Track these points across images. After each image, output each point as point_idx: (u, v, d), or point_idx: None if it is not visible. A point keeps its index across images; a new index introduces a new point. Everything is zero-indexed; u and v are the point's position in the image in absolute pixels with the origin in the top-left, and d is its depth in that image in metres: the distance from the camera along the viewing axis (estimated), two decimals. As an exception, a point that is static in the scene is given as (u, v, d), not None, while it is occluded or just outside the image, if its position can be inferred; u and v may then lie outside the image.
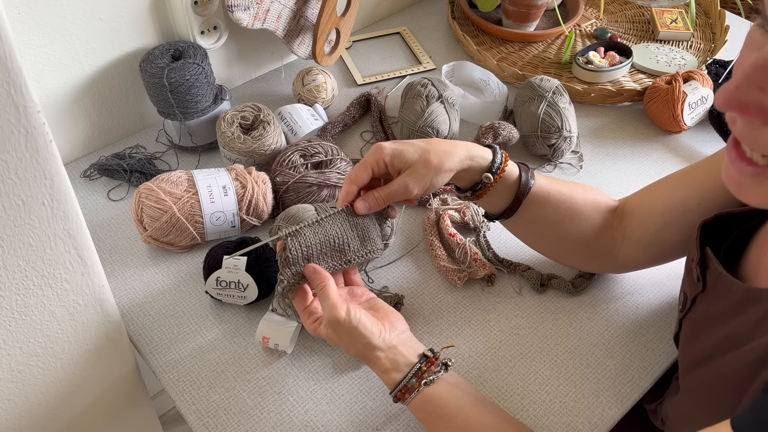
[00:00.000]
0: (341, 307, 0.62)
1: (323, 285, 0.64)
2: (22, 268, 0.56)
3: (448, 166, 0.67)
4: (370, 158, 0.67)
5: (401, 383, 0.63)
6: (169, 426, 1.24)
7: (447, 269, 0.82)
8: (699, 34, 1.22)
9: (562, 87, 0.98)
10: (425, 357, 0.64)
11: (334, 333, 0.63)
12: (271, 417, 0.70)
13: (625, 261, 0.75)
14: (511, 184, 0.71)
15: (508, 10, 1.17)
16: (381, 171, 0.68)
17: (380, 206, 0.69)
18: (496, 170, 0.69)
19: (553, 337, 0.78)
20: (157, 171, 0.95)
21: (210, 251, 0.79)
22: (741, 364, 0.50)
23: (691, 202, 0.68)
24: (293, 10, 0.98)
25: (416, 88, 0.98)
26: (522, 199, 0.71)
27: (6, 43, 0.44)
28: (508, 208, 0.72)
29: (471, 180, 0.70)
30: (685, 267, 0.65)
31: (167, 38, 0.96)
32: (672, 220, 0.70)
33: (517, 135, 0.95)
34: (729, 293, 0.55)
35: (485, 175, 0.69)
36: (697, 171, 0.70)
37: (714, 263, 0.57)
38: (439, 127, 0.94)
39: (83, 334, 0.67)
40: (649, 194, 0.74)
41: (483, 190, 0.70)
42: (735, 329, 0.53)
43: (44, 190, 0.53)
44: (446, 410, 0.62)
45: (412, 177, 0.66)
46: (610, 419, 0.71)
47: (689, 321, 0.63)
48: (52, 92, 0.89)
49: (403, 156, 0.66)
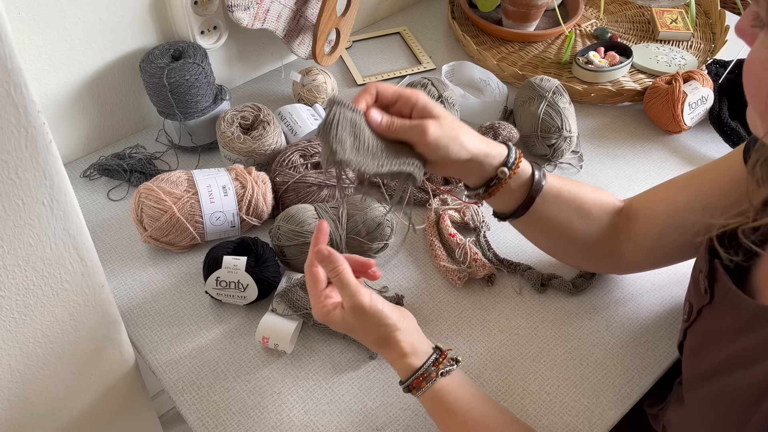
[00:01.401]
0: (364, 293, 0.62)
1: (340, 270, 0.62)
2: (22, 268, 0.56)
3: (469, 144, 0.65)
4: (404, 89, 0.66)
5: (420, 369, 0.63)
6: (169, 426, 1.24)
7: (447, 269, 0.82)
8: (699, 34, 1.22)
9: (562, 87, 0.98)
10: (439, 349, 0.65)
11: (357, 319, 0.62)
12: (271, 417, 0.70)
13: (629, 263, 0.75)
14: (524, 181, 0.70)
15: (508, 10, 1.17)
16: (404, 108, 0.65)
17: (390, 131, 0.64)
18: (512, 165, 0.68)
19: (553, 338, 0.78)
20: (157, 171, 0.95)
21: (210, 251, 0.79)
22: (751, 383, 0.49)
23: (695, 207, 0.67)
24: (293, 10, 0.98)
25: (416, 88, 0.97)
26: (535, 197, 0.70)
27: (6, 43, 0.44)
28: (520, 206, 0.71)
29: (483, 176, 0.69)
30: (692, 277, 0.64)
31: (167, 38, 0.96)
32: (675, 224, 0.69)
33: (517, 135, 0.95)
34: (739, 309, 0.54)
35: (501, 170, 0.68)
36: (702, 176, 0.70)
37: (723, 277, 0.56)
38: None
39: (83, 334, 0.67)
40: (653, 197, 0.74)
41: (497, 185, 0.69)
42: (746, 347, 0.52)
43: (44, 190, 0.53)
44: (460, 404, 0.62)
45: (435, 124, 0.64)
46: (609, 419, 0.71)
47: (694, 332, 0.62)
48: (52, 92, 0.89)
49: (434, 107, 0.65)
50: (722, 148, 1.01)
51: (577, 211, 0.72)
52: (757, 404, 0.48)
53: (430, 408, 0.64)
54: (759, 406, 0.47)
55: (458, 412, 0.62)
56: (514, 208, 0.72)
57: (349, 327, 0.64)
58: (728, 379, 0.53)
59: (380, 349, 0.65)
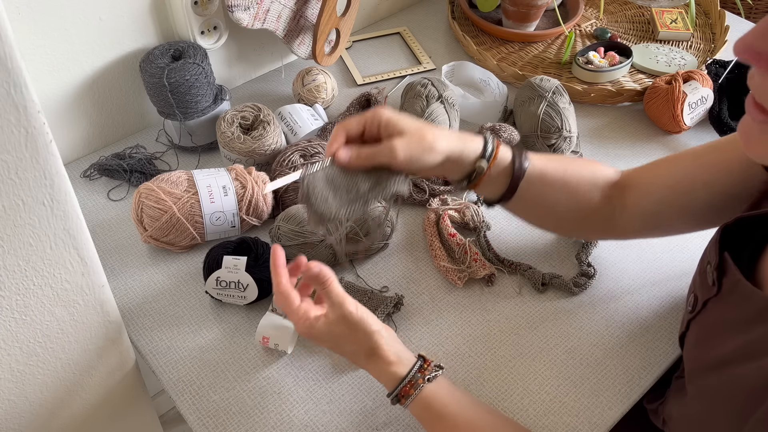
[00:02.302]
0: (350, 302, 0.63)
1: (329, 283, 0.63)
2: (22, 268, 0.56)
3: (440, 148, 0.66)
4: (366, 114, 0.66)
5: (407, 377, 0.63)
6: (169, 426, 1.24)
7: (447, 269, 0.82)
8: (699, 34, 1.22)
9: (562, 87, 0.98)
10: (422, 357, 0.65)
11: (344, 327, 0.63)
12: (271, 417, 0.70)
13: (624, 230, 0.76)
14: (505, 168, 0.70)
15: (508, 10, 1.17)
16: (373, 131, 0.67)
17: (361, 162, 0.65)
18: (489, 157, 0.69)
19: (553, 337, 0.78)
20: (157, 171, 0.95)
21: (210, 251, 0.79)
22: (759, 375, 0.49)
23: (698, 185, 0.68)
24: (293, 10, 0.98)
25: (416, 88, 0.98)
26: (518, 182, 0.71)
27: (6, 43, 0.44)
28: (505, 192, 0.72)
29: (463, 170, 0.69)
30: (698, 268, 0.64)
31: (167, 38, 0.96)
32: (675, 199, 0.70)
33: (517, 137, 0.95)
34: (748, 301, 0.54)
35: (478, 164, 0.68)
36: (708, 155, 0.70)
37: (733, 270, 0.56)
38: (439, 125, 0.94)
39: (83, 334, 0.67)
40: (654, 171, 0.74)
41: (479, 178, 0.69)
42: (756, 339, 0.52)
43: (44, 190, 0.53)
44: (450, 408, 0.62)
45: (402, 142, 0.64)
46: (610, 419, 0.71)
47: (699, 324, 0.62)
48: (52, 92, 0.89)
49: (397, 122, 0.65)
50: (722, 148, 1.01)
51: (563, 189, 0.73)
52: (763, 397, 0.48)
53: (421, 417, 0.64)
54: (765, 399, 0.48)
55: (449, 416, 0.62)
56: (500, 195, 0.72)
57: (334, 337, 0.64)
58: (737, 370, 0.53)
59: (366, 361, 0.65)
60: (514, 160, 0.70)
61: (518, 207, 0.75)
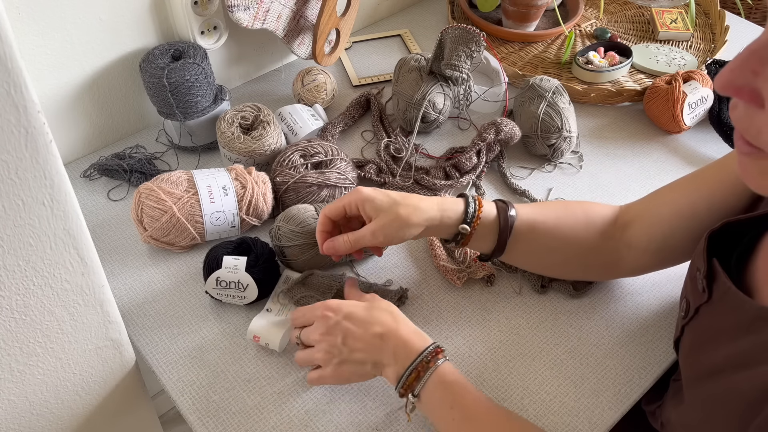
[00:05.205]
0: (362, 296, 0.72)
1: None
2: (22, 268, 0.56)
3: (416, 221, 0.69)
4: (346, 198, 0.71)
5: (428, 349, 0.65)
6: (169, 426, 1.24)
7: (447, 269, 0.82)
8: (699, 34, 1.22)
9: (562, 87, 0.98)
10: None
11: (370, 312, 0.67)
12: (271, 417, 0.70)
13: (633, 268, 0.75)
14: (491, 225, 0.72)
15: (508, 10, 1.17)
16: (354, 212, 0.71)
17: (347, 249, 0.71)
18: (471, 219, 0.70)
19: (553, 337, 0.78)
20: (157, 171, 0.95)
21: (210, 251, 0.79)
22: (754, 385, 0.49)
23: (700, 207, 0.68)
24: (293, 10, 0.98)
25: (410, 63, 1.00)
26: (506, 238, 0.72)
27: (6, 43, 0.44)
28: (495, 248, 0.73)
29: (449, 232, 0.72)
30: (688, 274, 0.64)
31: (167, 38, 0.96)
32: (680, 225, 0.69)
33: (519, 133, 0.95)
34: (739, 309, 0.54)
35: (461, 227, 0.70)
36: (704, 175, 0.70)
37: (722, 277, 0.56)
38: (435, 100, 0.97)
39: (83, 334, 0.67)
40: (655, 201, 0.73)
41: (464, 239, 0.72)
42: (748, 348, 0.52)
43: (44, 190, 0.53)
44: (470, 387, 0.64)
45: (379, 225, 0.69)
46: (609, 419, 0.71)
47: (692, 330, 0.61)
48: (52, 92, 0.89)
49: (374, 203, 0.69)
50: (722, 148, 1.01)
51: (558, 236, 0.73)
52: (760, 406, 0.48)
53: (436, 396, 0.64)
54: (762, 408, 0.47)
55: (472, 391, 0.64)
56: (491, 251, 0.74)
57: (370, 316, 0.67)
58: (730, 379, 0.53)
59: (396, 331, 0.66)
60: (499, 217, 0.71)
61: (513, 258, 0.76)
